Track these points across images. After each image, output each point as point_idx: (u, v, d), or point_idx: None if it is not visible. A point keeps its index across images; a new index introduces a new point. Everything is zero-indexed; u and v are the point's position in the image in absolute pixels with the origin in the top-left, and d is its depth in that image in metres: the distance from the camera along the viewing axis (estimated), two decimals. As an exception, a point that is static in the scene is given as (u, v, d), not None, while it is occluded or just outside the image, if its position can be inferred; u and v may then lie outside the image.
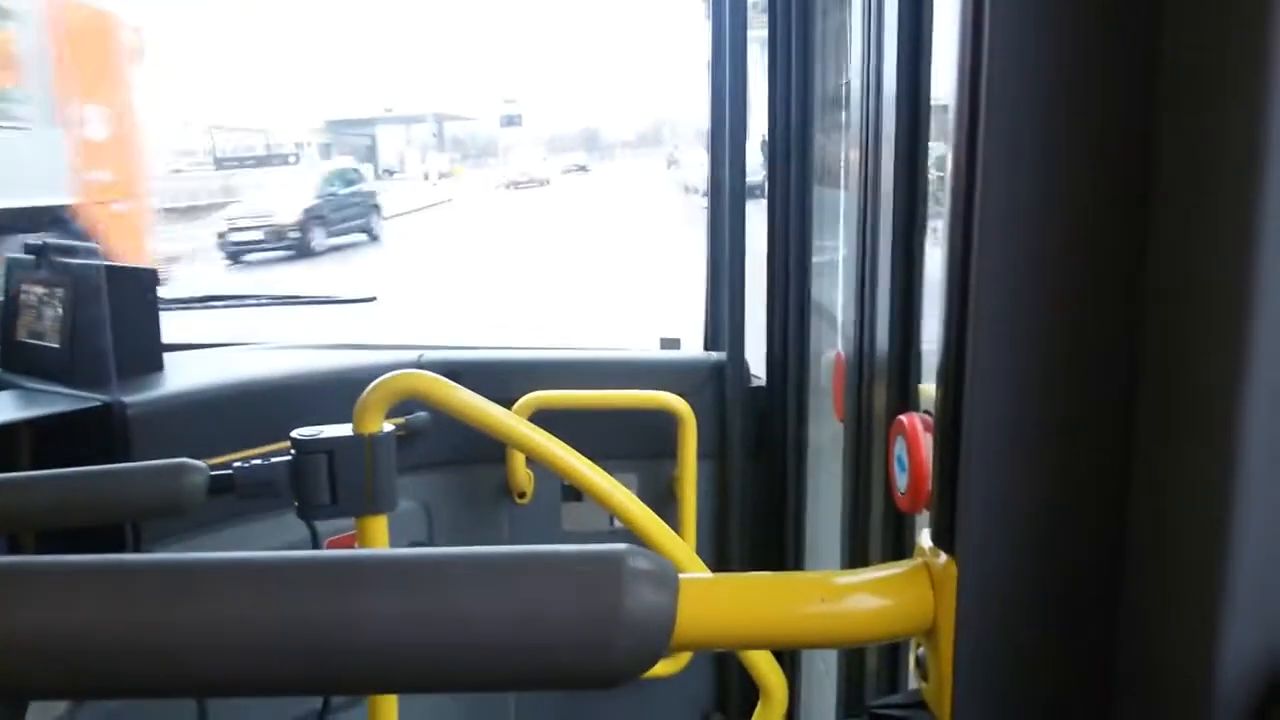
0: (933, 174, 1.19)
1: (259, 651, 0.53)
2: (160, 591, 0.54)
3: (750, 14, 1.99)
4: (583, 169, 48.51)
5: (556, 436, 1.42)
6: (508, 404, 1.84)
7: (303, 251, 17.11)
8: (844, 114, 1.86)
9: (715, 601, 0.59)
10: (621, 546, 0.56)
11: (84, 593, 0.54)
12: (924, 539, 0.64)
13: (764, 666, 1.34)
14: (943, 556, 0.61)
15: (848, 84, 1.44)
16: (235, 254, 16.82)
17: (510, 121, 49.07)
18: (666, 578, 0.56)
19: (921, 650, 0.64)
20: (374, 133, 45.70)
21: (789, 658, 1.79)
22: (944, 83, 1.15)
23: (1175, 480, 0.55)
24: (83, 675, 0.54)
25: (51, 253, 1.92)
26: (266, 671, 0.54)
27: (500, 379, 2.02)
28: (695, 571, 1.32)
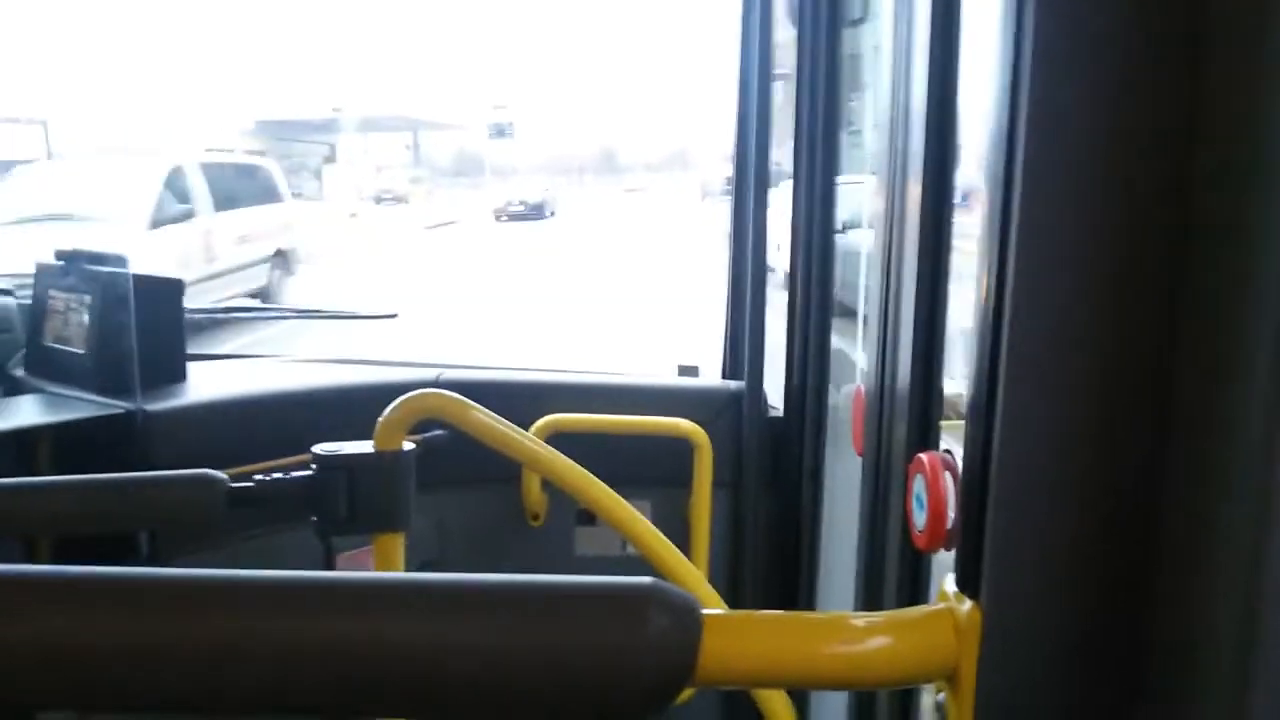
0: (959, 208, 1.20)
1: (277, 671, 0.53)
2: (177, 607, 0.54)
3: (776, 53, 2.01)
4: (536, 210, 28.15)
5: (572, 460, 1.42)
6: (524, 425, 1.85)
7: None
8: (868, 140, 1.86)
9: (738, 639, 0.59)
10: (648, 581, 0.56)
11: (99, 605, 0.54)
12: (948, 584, 0.64)
13: (776, 704, 1.33)
14: (967, 603, 0.61)
15: (874, 109, 1.45)
16: None
17: (500, 132, 38.08)
18: (692, 614, 0.56)
19: (942, 695, 0.64)
20: (334, 141, 34.19)
21: (799, 693, 1.78)
22: (973, 110, 1.16)
23: (1208, 530, 0.55)
24: (93, 687, 0.54)
25: (81, 260, 1.94)
26: (283, 691, 0.54)
27: (518, 400, 2.02)
28: (709, 601, 1.32)
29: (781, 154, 2.02)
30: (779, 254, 2.05)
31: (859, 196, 1.74)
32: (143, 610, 0.54)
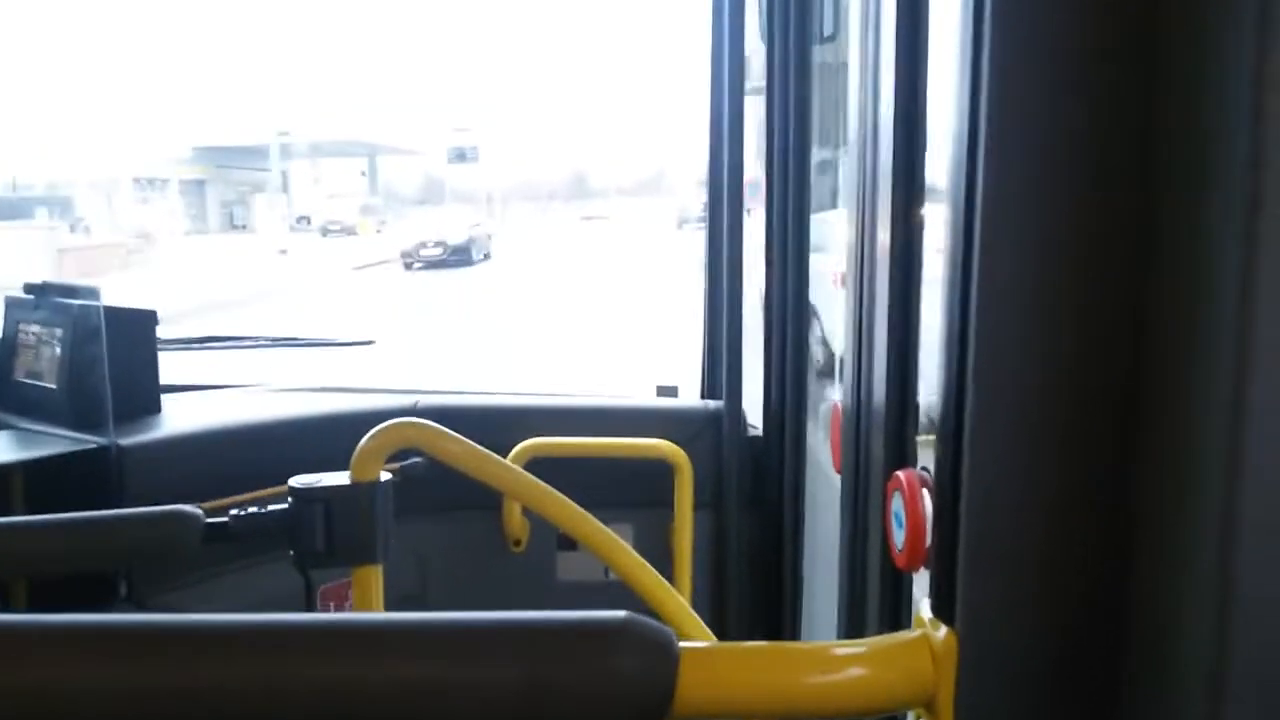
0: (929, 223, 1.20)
1: (251, 715, 0.53)
2: (158, 656, 0.54)
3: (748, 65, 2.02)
4: (460, 254, 21.56)
5: (552, 484, 1.42)
6: (503, 451, 1.84)
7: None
8: (840, 161, 1.88)
9: (715, 671, 0.59)
10: (622, 614, 0.56)
11: (73, 653, 0.53)
12: (924, 610, 0.64)
13: None
14: (943, 629, 0.61)
15: (844, 126, 1.46)
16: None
17: (461, 156, 34.00)
18: (668, 647, 0.56)
19: None
20: (286, 169, 30.91)
21: None
22: (940, 126, 1.17)
23: (1181, 549, 0.55)
24: None
25: (51, 292, 1.92)
26: None
27: (496, 426, 2.01)
28: (690, 626, 1.31)
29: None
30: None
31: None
32: (116, 658, 0.53)
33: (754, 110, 2.04)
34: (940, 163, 1.17)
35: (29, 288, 1.97)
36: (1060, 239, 0.58)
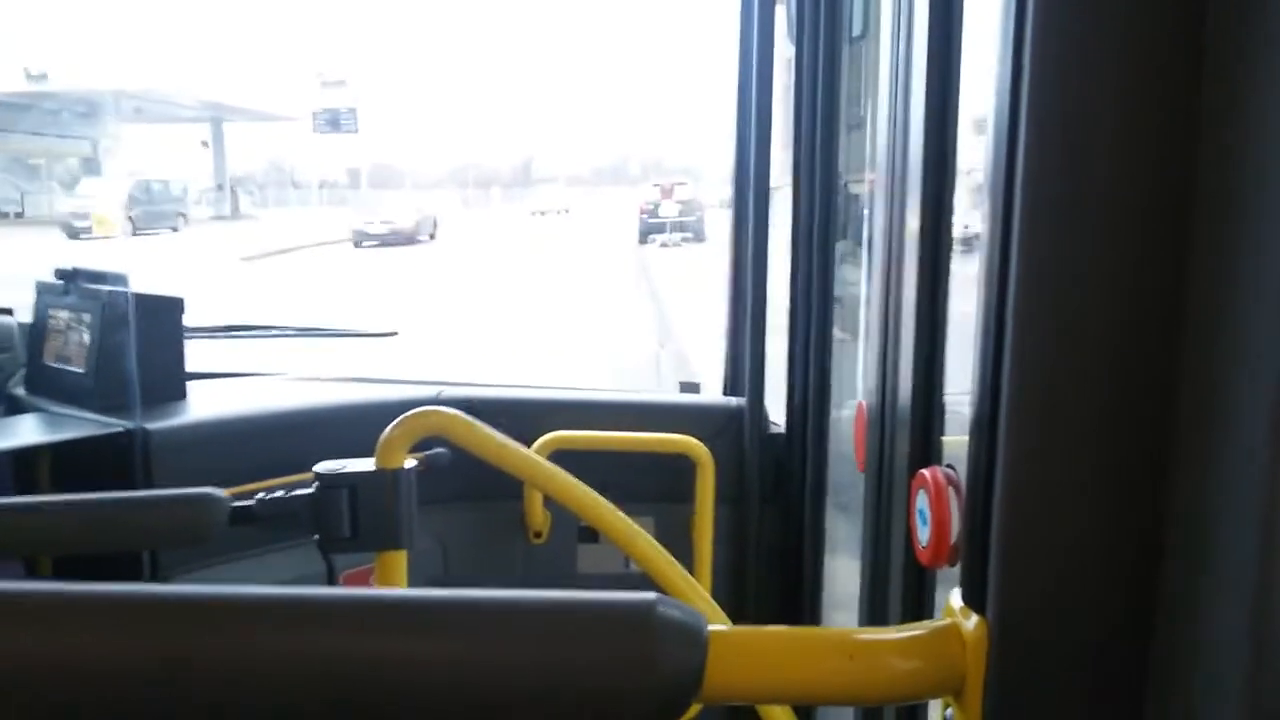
0: (958, 224, 1.20)
1: (278, 688, 0.53)
2: (185, 624, 0.54)
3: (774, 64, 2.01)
4: None
5: (574, 477, 1.42)
6: (526, 443, 1.85)
7: None
8: (869, 157, 1.87)
9: (745, 655, 0.59)
10: (651, 596, 0.56)
11: (99, 622, 0.53)
12: (955, 599, 0.64)
13: (781, 718, 1.33)
14: (974, 618, 0.61)
15: (873, 125, 1.46)
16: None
17: (333, 123, 23.83)
18: (698, 629, 0.56)
19: (950, 711, 0.64)
20: (96, 137, 21.97)
21: (805, 708, 1.77)
22: (971, 124, 1.16)
23: (1215, 542, 0.55)
24: (98, 708, 0.53)
25: (81, 278, 1.94)
26: (280, 708, 0.53)
27: (519, 417, 2.02)
28: (712, 617, 1.31)
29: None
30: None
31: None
32: (146, 626, 0.53)
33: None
34: (972, 158, 1.17)
35: (60, 273, 1.99)
36: (1101, 238, 0.58)
